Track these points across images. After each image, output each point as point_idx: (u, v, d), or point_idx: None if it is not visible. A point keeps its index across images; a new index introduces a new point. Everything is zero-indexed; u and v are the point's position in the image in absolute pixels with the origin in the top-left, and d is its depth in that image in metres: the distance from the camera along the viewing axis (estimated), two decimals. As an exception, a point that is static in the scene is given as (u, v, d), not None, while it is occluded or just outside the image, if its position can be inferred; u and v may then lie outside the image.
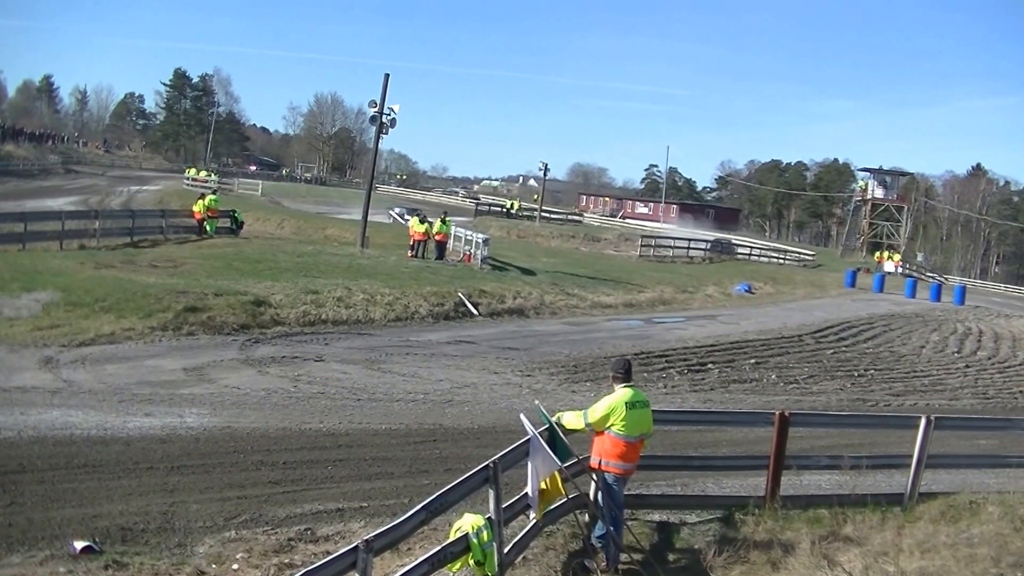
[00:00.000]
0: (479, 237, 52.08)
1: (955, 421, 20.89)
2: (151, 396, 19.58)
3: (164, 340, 25.12)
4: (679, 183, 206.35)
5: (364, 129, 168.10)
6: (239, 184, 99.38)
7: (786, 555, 13.24)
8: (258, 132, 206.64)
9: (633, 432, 12.44)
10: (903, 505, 16.10)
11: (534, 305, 38.50)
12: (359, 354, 26.24)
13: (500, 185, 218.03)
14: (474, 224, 77.31)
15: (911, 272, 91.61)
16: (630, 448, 12.52)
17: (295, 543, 12.86)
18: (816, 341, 38.44)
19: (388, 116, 48.58)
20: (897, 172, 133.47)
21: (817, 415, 22.02)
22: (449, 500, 10.49)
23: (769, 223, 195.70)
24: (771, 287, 62.33)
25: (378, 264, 42.31)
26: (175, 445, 16.56)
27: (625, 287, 48.71)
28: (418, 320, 32.53)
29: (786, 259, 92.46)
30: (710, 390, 27.38)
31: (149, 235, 47.98)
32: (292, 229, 65.61)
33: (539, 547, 12.97)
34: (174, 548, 12.36)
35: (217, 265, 37.26)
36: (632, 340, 33.62)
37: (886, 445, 19.11)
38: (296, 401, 20.53)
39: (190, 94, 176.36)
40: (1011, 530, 14.99)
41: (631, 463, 12.70)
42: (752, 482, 16.30)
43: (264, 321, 28.46)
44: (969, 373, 36.24)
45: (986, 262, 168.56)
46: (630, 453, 12.57)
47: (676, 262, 75.05)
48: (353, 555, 8.41)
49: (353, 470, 16.32)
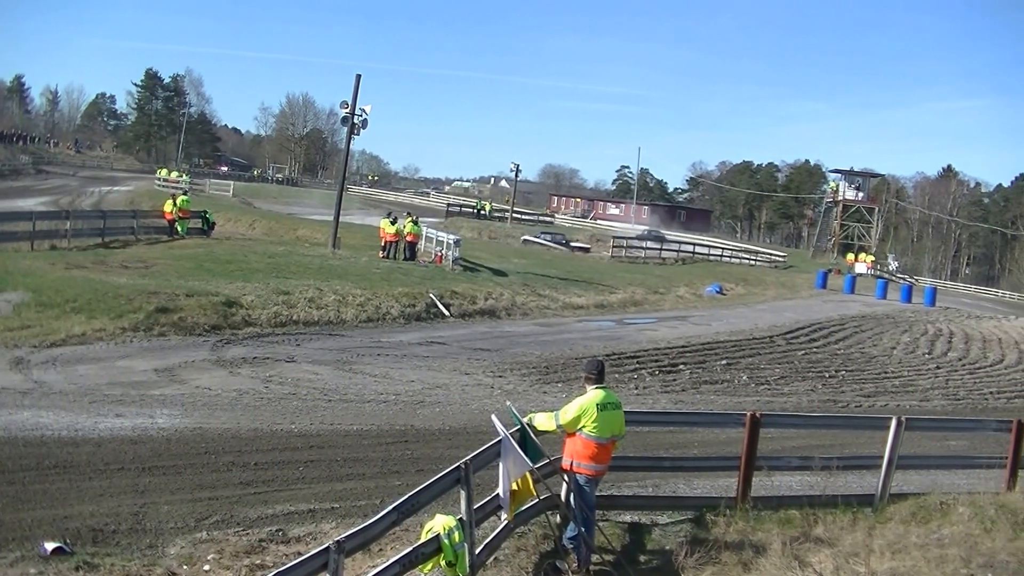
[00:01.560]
0: (450, 238, 52.12)
1: (926, 422, 21.04)
2: (122, 397, 19.53)
3: (135, 341, 25.03)
4: (650, 184, 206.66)
5: (336, 130, 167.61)
6: (210, 185, 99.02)
7: (757, 556, 13.27)
8: (229, 133, 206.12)
9: (604, 434, 12.45)
10: (874, 506, 16.18)
11: (505, 306, 38.57)
12: (330, 355, 26.23)
13: (472, 186, 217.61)
14: (445, 225, 77.34)
15: (882, 274, 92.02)
16: (601, 449, 12.52)
17: (266, 544, 12.82)
18: (787, 342, 38.63)
19: (360, 117, 48.58)
20: (868, 173, 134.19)
21: (788, 416, 22.12)
22: (421, 501, 10.49)
23: (740, 224, 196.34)
24: (742, 288, 62.60)
25: (349, 265, 42.28)
26: (146, 446, 16.51)
27: (596, 288, 48.85)
28: (389, 321, 32.53)
29: (757, 260, 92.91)
30: (681, 391, 27.47)
31: (120, 236, 47.76)
32: (263, 230, 65.43)
33: (511, 548, 12.97)
34: (145, 549, 12.31)
35: (188, 266, 37.17)
36: (603, 341, 33.72)
37: (857, 446, 19.24)
38: (267, 402, 20.50)
39: (161, 95, 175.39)
40: (981, 531, 15.06)
41: (602, 464, 12.72)
42: (723, 483, 16.36)
43: (235, 322, 28.41)
44: (940, 374, 36.48)
45: (956, 263, 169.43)
46: (601, 454, 12.57)
47: (648, 263, 75.26)
48: (324, 556, 8.40)
49: (324, 471, 16.32)
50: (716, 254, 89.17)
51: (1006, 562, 13.50)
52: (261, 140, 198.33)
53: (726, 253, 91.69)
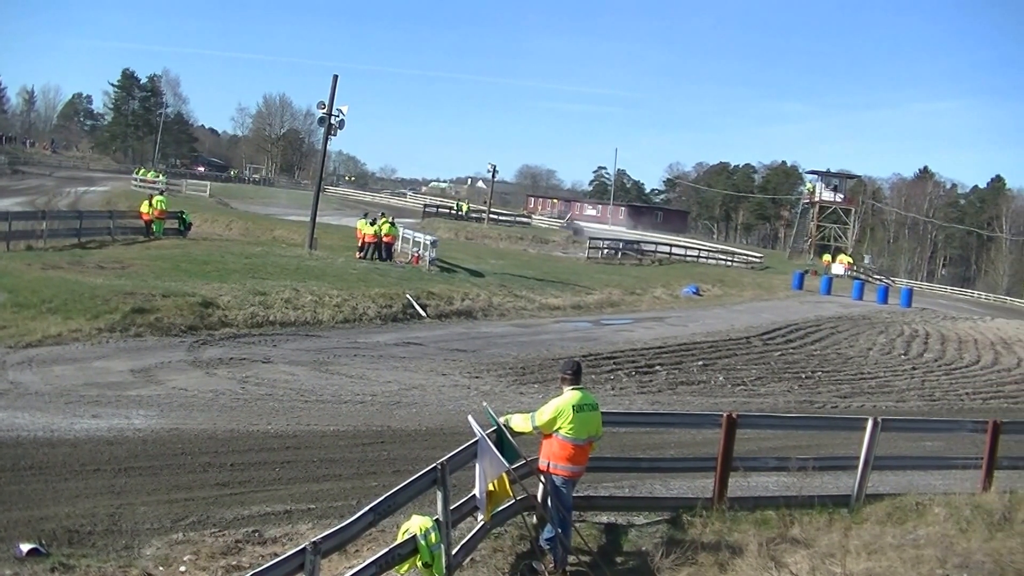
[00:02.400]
0: (427, 239, 52.09)
1: (902, 423, 21.13)
2: (98, 398, 19.50)
3: (111, 341, 24.98)
4: (627, 185, 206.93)
5: (313, 130, 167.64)
6: (187, 185, 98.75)
7: (734, 557, 13.30)
8: (206, 133, 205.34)
9: (581, 435, 12.46)
10: (850, 506, 16.26)
11: (482, 307, 38.58)
12: (307, 356, 26.22)
13: (449, 187, 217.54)
14: (422, 226, 77.23)
15: (858, 274, 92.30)
16: (578, 451, 12.54)
17: (243, 545, 12.82)
18: (764, 343, 38.72)
19: (337, 117, 48.48)
20: (845, 175, 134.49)
21: (764, 417, 22.17)
22: (397, 502, 10.52)
23: (717, 225, 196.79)
24: (719, 289, 62.66)
25: (326, 265, 42.25)
26: (122, 447, 16.49)
27: (573, 289, 48.87)
28: (366, 322, 32.53)
29: (734, 261, 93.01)
30: (658, 392, 27.51)
31: (97, 236, 47.54)
32: (240, 230, 65.23)
33: (487, 549, 13.00)
34: (121, 550, 12.30)
35: (165, 266, 37.10)
36: (580, 342, 33.76)
37: (833, 447, 19.28)
38: (244, 403, 20.48)
39: (138, 95, 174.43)
40: (957, 531, 15.14)
41: (579, 465, 12.74)
42: (700, 484, 16.42)
43: (212, 323, 28.38)
44: (916, 375, 36.61)
45: (933, 265, 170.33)
46: (578, 455, 12.59)
47: (624, 264, 75.25)
48: (301, 557, 8.41)
49: (301, 472, 16.31)
50: (693, 255, 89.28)
51: (982, 563, 13.56)
52: (238, 140, 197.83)
53: (703, 254, 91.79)
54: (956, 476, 18.59)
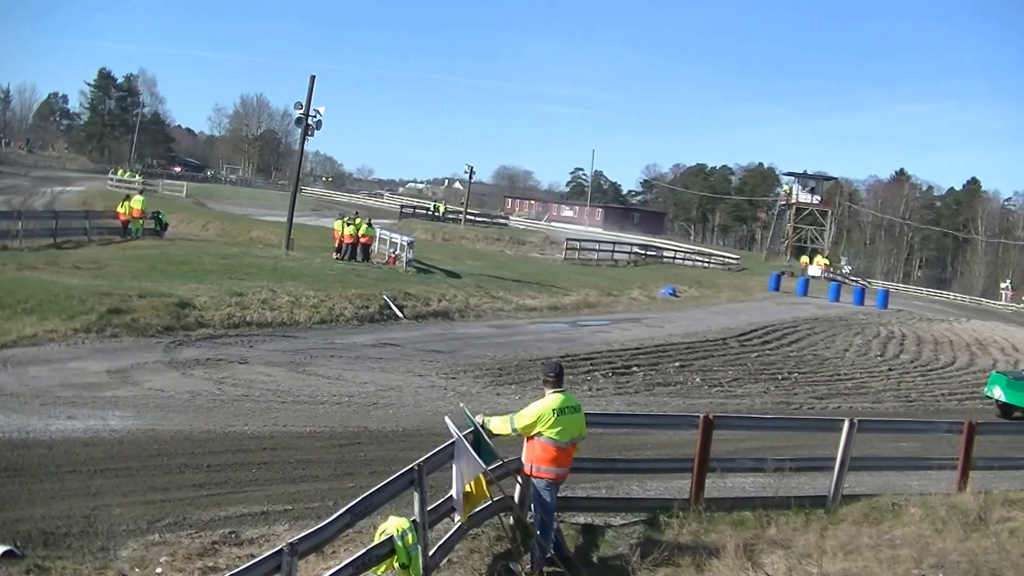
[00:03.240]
0: (404, 240, 52.06)
1: (878, 424, 21.32)
2: (74, 399, 19.42)
3: (87, 342, 24.89)
4: (604, 186, 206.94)
5: (290, 131, 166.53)
6: (164, 185, 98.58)
7: (710, 557, 13.33)
8: (183, 133, 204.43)
9: (564, 438, 12.47)
10: (826, 507, 16.34)
11: (459, 308, 38.58)
12: (284, 356, 26.17)
13: (426, 188, 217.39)
14: (399, 227, 77.18)
15: (835, 276, 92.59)
16: (562, 453, 12.55)
17: (219, 546, 12.80)
18: (740, 344, 38.81)
19: (314, 118, 48.43)
20: (821, 176, 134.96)
21: (741, 418, 22.20)
22: (374, 503, 10.51)
23: (694, 227, 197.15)
24: (696, 290, 62.73)
25: (303, 266, 42.16)
26: (98, 448, 16.44)
27: (550, 290, 48.85)
28: (343, 323, 32.50)
29: (711, 263, 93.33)
30: (635, 393, 27.56)
31: (73, 236, 47.47)
32: (217, 231, 65.02)
33: (464, 549, 13.01)
34: (97, 552, 12.26)
35: (141, 267, 37.00)
36: (557, 343, 33.79)
37: (810, 448, 19.31)
38: (220, 404, 20.43)
39: (115, 94, 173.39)
40: (932, 531, 15.24)
41: (563, 468, 12.75)
42: (677, 484, 16.45)
43: (188, 323, 28.30)
44: (892, 376, 36.80)
45: (909, 266, 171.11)
46: (562, 458, 12.59)
47: (601, 265, 75.34)
48: (278, 558, 8.40)
49: (278, 473, 16.30)
50: (670, 256, 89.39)
51: (957, 562, 13.64)
52: (215, 141, 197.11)
53: (679, 255, 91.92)
54: (932, 477, 18.67)
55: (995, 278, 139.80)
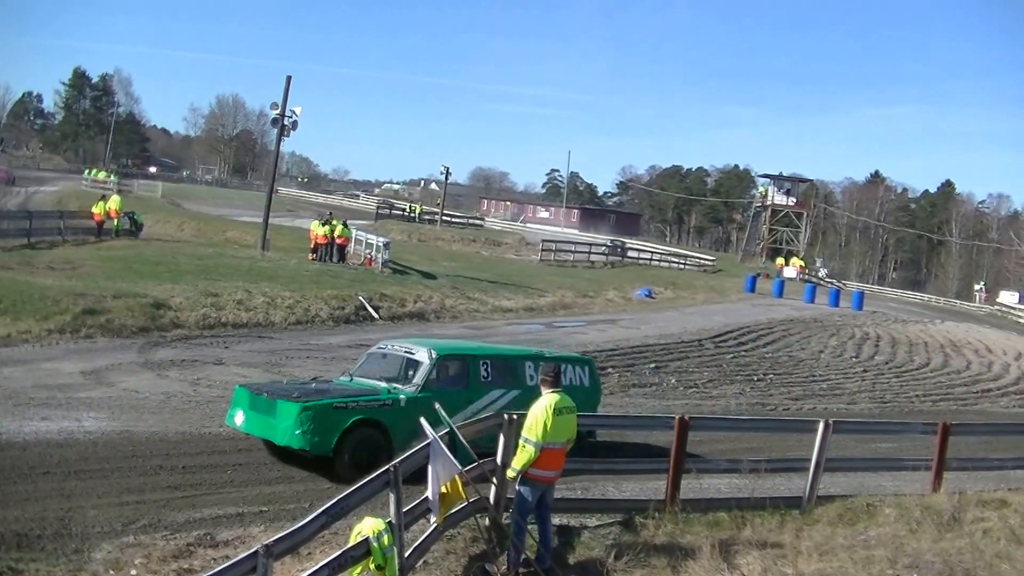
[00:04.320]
0: (380, 240, 51.94)
1: (853, 425, 21.41)
2: (48, 400, 19.36)
3: (62, 343, 24.83)
4: (580, 188, 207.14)
5: (266, 131, 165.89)
6: (139, 186, 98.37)
7: (686, 558, 13.35)
8: (159, 133, 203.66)
9: (560, 438, 12.55)
10: (802, 508, 16.38)
11: (435, 309, 38.51)
12: (259, 357, 26.13)
13: (402, 189, 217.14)
14: (375, 227, 77.05)
15: (810, 278, 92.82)
16: (556, 454, 12.63)
17: (194, 548, 12.76)
18: (716, 346, 38.85)
19: (290, 118, 48.26)
20: (797, 178, 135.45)
21: (716, 419, 22.27)
22: (350, 504, 10.50)
23: (670, 228, 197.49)
24: (671, 292, 62.71)
25: (279, 267, 42.04)
26: (72, 449, 16.39)
27: (526, 291, 48.76)
28: (318, 324, 32.43)
29: (686, 264, 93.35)
30: (610, 394, 27.49)
31: (47, 236, 47.31)
32: (192, 231, 64.72)
33: (440, 551, 13.00)
34: (71, 554, 12.22)
35: (116, 267, 36.87)
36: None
37: (785, 449, 19.42)
38: (196, 405, 20.42)
39: (90, 94, 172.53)
40: (907, 532, 15.31)
41: (556, 470, 12.83)
42: (652, 486, 16.48)
43: (163, 324, 28.20)
44: (867, 378, 36.93)
45: (884, 268, 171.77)
46: (555, 460, 12.67)
47: (577, 266, 75.23)
48: (253, 560, 8.39)
49: (253, 474, 16.29)
50: (646, 258, 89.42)
51: (931, 563, 13.69)
52: (190, 141, 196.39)
53: (655, 257, 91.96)
54: (906, 477, 18.74)
55: (969, 280, 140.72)
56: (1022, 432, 23.49)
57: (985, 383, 39.74)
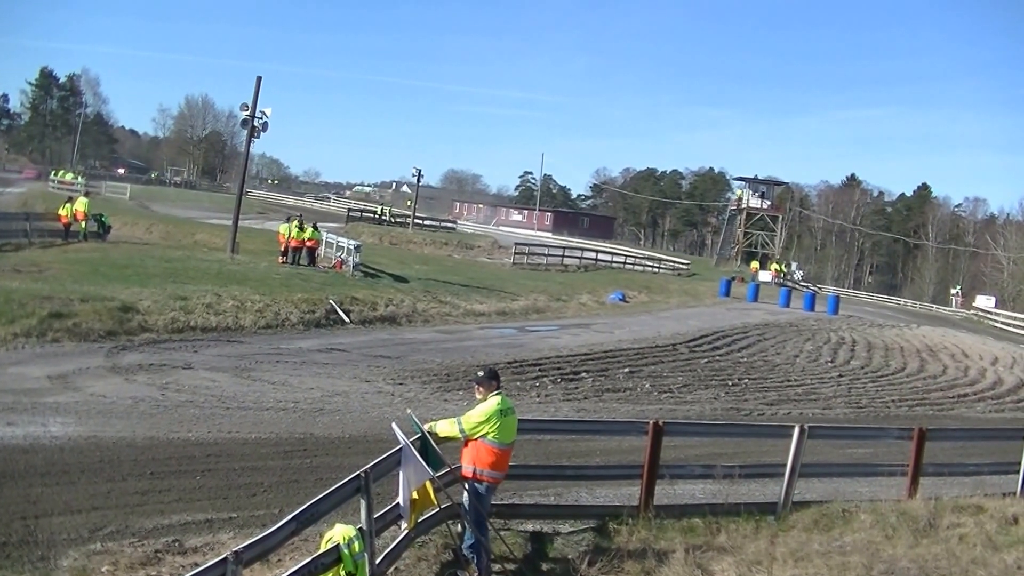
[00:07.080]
0: (351, 243, 51.79)
1: (828, 430, 21.34)
2: (13, 405, 19.12)
3: (27, 347, 24.60)
4: (554, 191, 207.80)
5: (235, 132, 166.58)
6: (106, 187, 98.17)
7: (660, 564, 13.31)
8: (127, 134, 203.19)
9: (507, 439, 12.55)
10: (776, 514, 16.36)
11: (406, 313, 38.43)
12: (228, 362, 25.93)
13: (373, 191, 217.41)
14: (346, 230, 77.05)
15: (785, 282, 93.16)
16: (503, 455, 12.62)
17: (162, 555, 12.65)
18: (690, 350, 38.83)
19: (260, 120, 48.19)
20: (772, 181, 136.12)
21: (691, 424, 22.27)
22: (320, 510, 10.38)
23: (644, 231, 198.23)
24: (645, 296, 62.83)
25: (248, 270, 41.88)
26: (38, 455, 16.18)
27: (498, 295, 48.76)
28: (288, 327, 32.28)
29: (660, 268, 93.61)
30: (583, 399, 27.44)
31: (12, 239, 46.85)
32: (161, 234, 64.57)
33: (411, 558, 12.92)
34: (37, 562, 12.09)
35: (83, 270, 36.60)
36: (505, 348, 33.67)
37: (760, 454, 19.40)
38: (164, 410, 20.19)
39: (57, 94, 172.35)
40: (882, 538, 15.31)
41: (503, 472, 12.78)
42: (626, 491, 16.45)
43: (131, 328, 27.97)
44: (842, 382, 36.88)
45: (860, 272, 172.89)
46: (503, 460, 12.66)
47: (550, 270, 75.31)
48: (222, 567, 8.26)
49: (222, 480, 16.11)
50: (619, 261, 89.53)
51: (907, 569, 13.70)
52: (159, 142, 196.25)
53: (629, 260, 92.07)
54: (882, 483, 18.73)
55: (945, 284, 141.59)
56: (998, 437, 23.42)
57: (961, 388, 39.73)
